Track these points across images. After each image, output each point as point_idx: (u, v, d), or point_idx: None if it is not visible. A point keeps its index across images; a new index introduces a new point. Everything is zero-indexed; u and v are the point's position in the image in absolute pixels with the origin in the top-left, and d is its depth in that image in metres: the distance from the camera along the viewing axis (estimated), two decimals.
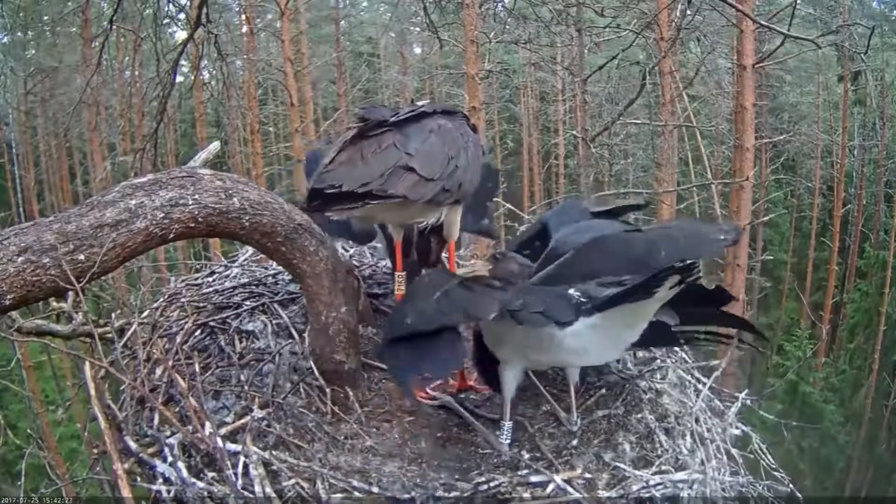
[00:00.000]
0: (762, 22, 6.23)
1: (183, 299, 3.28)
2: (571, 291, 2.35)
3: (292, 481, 2.20)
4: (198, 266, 3.97)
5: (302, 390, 2.69)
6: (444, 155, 2.31)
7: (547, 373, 2.93)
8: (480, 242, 3.21)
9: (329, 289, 2.66)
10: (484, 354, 2.71)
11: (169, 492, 2.20)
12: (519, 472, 2.35)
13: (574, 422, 2.66)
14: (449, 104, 2.82)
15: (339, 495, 2.18)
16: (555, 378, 2.94)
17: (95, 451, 2.44)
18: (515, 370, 2.51)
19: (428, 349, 2.24)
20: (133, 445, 2.37)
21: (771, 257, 17.94)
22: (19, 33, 16.69)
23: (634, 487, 2.34)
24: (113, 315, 3.26)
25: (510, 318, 2.18)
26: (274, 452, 2.31)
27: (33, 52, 18.29)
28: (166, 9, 7.22)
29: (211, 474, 2.23)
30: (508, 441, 2.50)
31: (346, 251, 3.81)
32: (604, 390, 2.86)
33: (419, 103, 2.51)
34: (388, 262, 3.49)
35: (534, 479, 2.32)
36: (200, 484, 2.19)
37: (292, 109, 12.37)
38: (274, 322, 3.09)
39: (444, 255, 3.07)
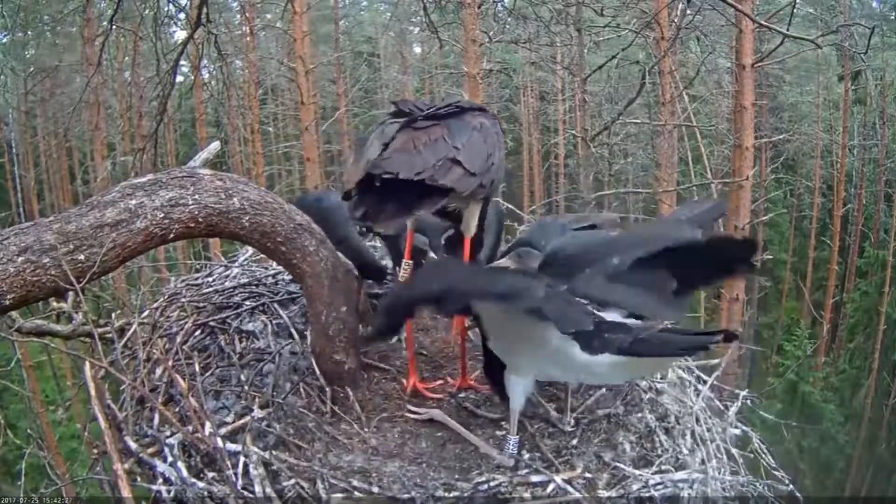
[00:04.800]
0: (762, 22, 6.22)
1: (183, 299, 3.28)
2: (613, 316, 2.23)
3: (292, 481, 2.20)
4: (198, 266, 3.97)
5: (302, 390, 2.69)
6: (484, 151, 2.38)
7: None
8: None
9: (329, 289, 2.66)
10: (492, 363, 2.69)
11: (169, 492, 2.20)
12: (519, 472, 2.35)
13: (568, 422, 2.66)
14: (476, 103, 2.88)
15: (339, 495, 2.18)
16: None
17: (95, 451, 2.44)
18: (526, 381, 2.41)
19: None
20: (133, 445, 2.37)
21: (771, 257, 17.92)
22: (19, 33, 16.67)
23: (634, 487, 2.34)
24: (113, 315, 3.25)
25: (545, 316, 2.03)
26: (274, 452, 2.31)
27: (33, 52, 18.27)
28: (166, 9, 7.22)
29: (211, 474, 2.23)
30: (514, 454, 2.47)
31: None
32: (604, 390, 2.86)
33: (448, 101, 2.54)
34: (388, 262, 3.49)
35: (534, 479, 2.32)
36: (200, 484, 2.19)
37: (303, 108, 12.35)
38: (274, 322, 3.09)
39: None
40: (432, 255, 2.95)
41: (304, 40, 12.03)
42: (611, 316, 2.23)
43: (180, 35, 13.50)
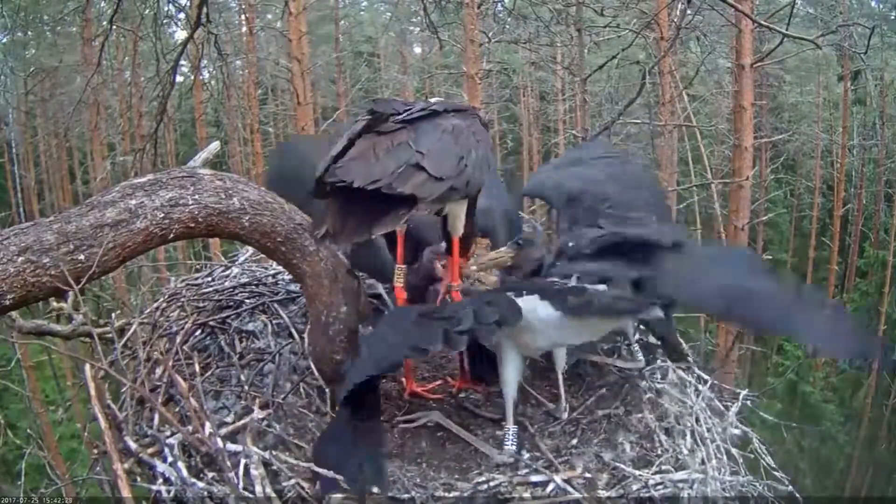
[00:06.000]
0: (761, 21, 6.22)
1: (183, 299, 3.28)
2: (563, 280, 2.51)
3: (292, 481, 2.20)
4: (198, 266, 3.97)
5: (302, 390, 2.69)
6: (455, 155, 2.30)
7: (538, 365, 2.93)
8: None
9: (329, 289, 2.65)
10: (477, 355, 2.75)
11: (169, 492, 2.20)
12: (519, 472, 2.35)
13: (563, 408, 2.68)
14: (461, 102, 2.80)
15: (339, 495, 2.18)
16: (548, 376, 2.93)
17: (95, 451, 2.44)
18: (514, 361, 2.53)
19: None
20: (133, 445, 2.37)
21: (770, 257, 17.91)
22: (19, 33, 16.67)
23: (634, 487, 2.34)
24: (113, 315, 3.25)
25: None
26: (274, 452, 2.31)
27: (33, 52, 18.27)
28: (166, 9, 7.23)
29: (211, 474, 2.23)
30: (514, 447, 2.48)
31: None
32: (604, 390, 2.86)
33: (432, 100, 2.50)
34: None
35: (534, 479, 2.32)
36: (200, 484, 2.18)
37: (299, 108, 12.33)
38: (274, 322, 3.09)
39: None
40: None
41: (300, 41, 12.00)
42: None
43: (180, 35, 13.52)
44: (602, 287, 2.51)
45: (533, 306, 2.41)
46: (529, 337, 2.48)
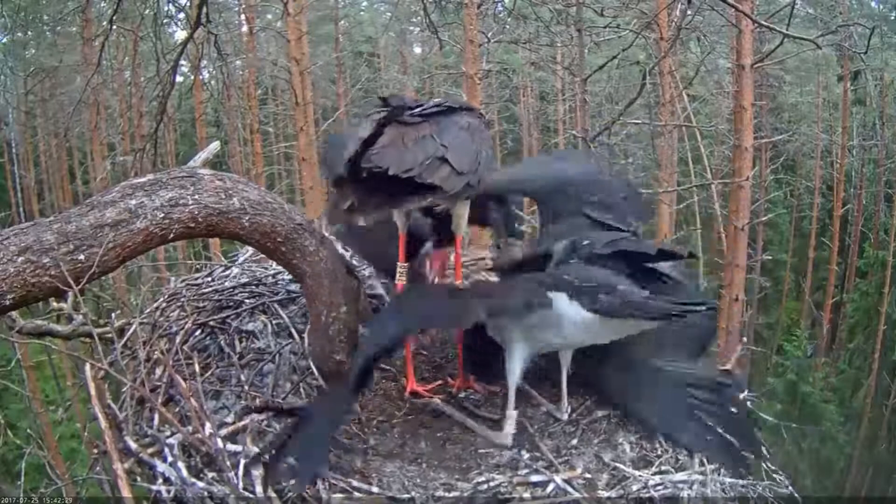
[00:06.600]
0: (762, 21, 6.23)
1: (183, 299, 3.28)
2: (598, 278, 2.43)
3: (292, 481, 2.20)
4: (198, 266, 3.97)
5: (302, 390, 2.69)
6: (473, 150, 2.38)
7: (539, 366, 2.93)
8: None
9: (329, 289, 2.66)
10: (476, 347, 2.75)
11: (169, 492, 2.20)
12: (519, 472, 2.35)
13: (565, 409, 2.67)
14: (465, 101, 2.89)
15: (339, 495, 2.18)
16: (547, 376, 2.93)
17: (95, 451, 2.44)
18: (522, 356, 2.53)
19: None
20: (133, 445, 2.37)
21: (770, 257, 17.94)
22: (19, 33, 16.68)
23: (634, 487, 2.34)
24: (113, 315, 3.25)
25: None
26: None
27: (33, 52, 18.27)
28: (166, 9, 7.23)
29: (211, 474, 2.23)
30: (513, 432, 2.49)
31: (346, 251, 3.80)
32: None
33: (436, 100, 2.54)
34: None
35: (534, 479, 2.32)
36: (200, 484, 2.18)
37: (297, 109, 12.32)
38: (274, 322, 3.09)
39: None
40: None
41: (300, 41, 12.00)
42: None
43: (180, 35, 13.51)
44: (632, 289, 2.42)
45: (558, 303, 2.36)
46: (549, 333, 2.45)
